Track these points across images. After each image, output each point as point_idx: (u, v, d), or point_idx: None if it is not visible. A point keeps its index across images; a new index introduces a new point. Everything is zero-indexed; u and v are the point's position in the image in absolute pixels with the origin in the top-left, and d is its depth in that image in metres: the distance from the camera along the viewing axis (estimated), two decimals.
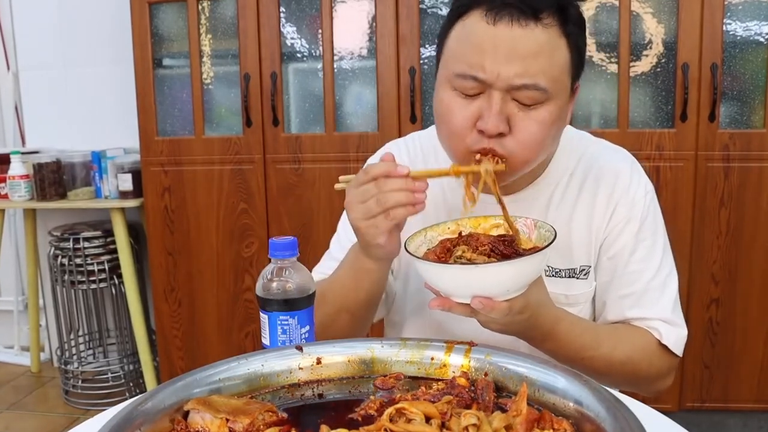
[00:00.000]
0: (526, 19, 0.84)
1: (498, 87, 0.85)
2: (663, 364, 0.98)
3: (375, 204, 0.83)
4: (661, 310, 0.98)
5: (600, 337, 0.94)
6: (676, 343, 0.97)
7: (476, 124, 0.88)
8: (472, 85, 0.87)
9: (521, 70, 0.84)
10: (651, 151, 2.07)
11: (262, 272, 0.82)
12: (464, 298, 0.78)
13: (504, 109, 0.86)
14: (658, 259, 0.99)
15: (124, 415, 0.61)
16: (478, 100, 0.88)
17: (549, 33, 0.85)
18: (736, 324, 2.15)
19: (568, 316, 0.91)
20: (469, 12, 0.88)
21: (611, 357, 0.93)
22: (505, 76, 0.85)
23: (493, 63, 0.85)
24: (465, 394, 0.69)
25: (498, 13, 0.84)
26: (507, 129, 0.87)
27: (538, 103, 0.87)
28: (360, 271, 0.94)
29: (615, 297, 1.00)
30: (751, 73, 2.06)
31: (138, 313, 2.64)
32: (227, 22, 2.33)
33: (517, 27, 0.84)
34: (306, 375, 0.75)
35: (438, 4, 2.19)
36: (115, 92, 2.84)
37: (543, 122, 0.87)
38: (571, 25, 0.87)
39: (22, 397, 2.77)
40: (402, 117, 2.21)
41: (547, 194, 1.01)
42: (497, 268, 0.75)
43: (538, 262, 0.77)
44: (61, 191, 2.67)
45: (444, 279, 0.78)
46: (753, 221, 2.09)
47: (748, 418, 2.22)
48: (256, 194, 2.35)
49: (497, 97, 0.86)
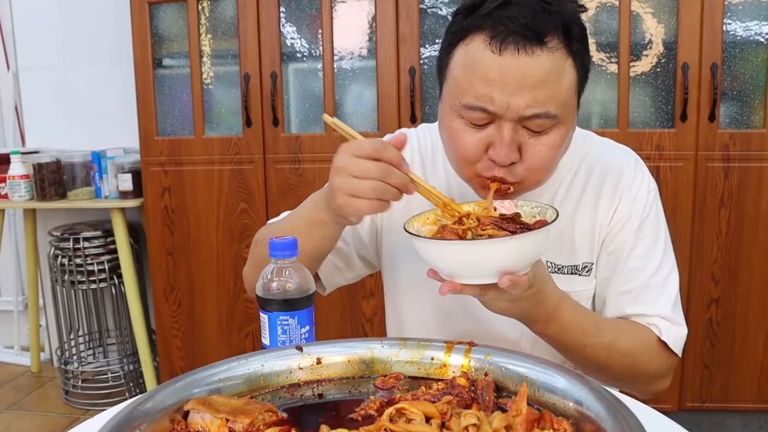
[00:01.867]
0: (531, 46, 0.82)
1: (508, 118, 0.85)
2: (662, 362, 0.97)
3: (369, 188, 0.81)
4: (661, 307, 0.97)
5: (601, 325, 0.94)
6: (675, 341, 0.96)
7: (487, 152, 0.87)
8: (481, 116, 0.86)
9: (531, 100, 0.83)
10: (651, 151, 2.07)
11: (262, 272, 0.82)
12: (482, 276, 0.76)
13: (515, 138, 0.85)
14: (658, 257, 0.99)
15: (124, 415, 0.61)
16: (487, 129, 0.87)
17: (555, 57, 0.84)
18: (736, 324, 2.15)
19: (569, 298, 0.91)
20: (471, 36, 0.86)
21: (612, 347, 0.93)
22: (515, 107, 0.83)
23: (502, 95, 0.83)
24: (465, 394, 0.69)
25: (503, 41, 0.82)
26: (518, 158, 0.86)
27: (548, 129, 0.86)
28: (314, 221, 0.92)
29: (614, 293, 1.00)
30: (751, 73, 2.06)
31: (138, 313, 2.64)
32: (227, 22, 2.33)
33: (523, 55, 0.82)
34: (306, 375, 0.75)
35: (438, 4, 2.19)
36: (115, 92, 2.84)
37: (554, 146, 0.87)
38: (575, 44, 0.86)
39: (22, 397, 2.77)
40: (402, 117, 2.21)
41: (551, 192, 1.01)
42: (521, 240, 0.73)
43: (547, 235, 0.77)
44: (61, 191, 2.67)
45: (467, 257, 0.74)
46: (753, 221, 2.09)
47: (748, 418, 2.22)
48: (256, 194, 2.35)
49: (508, 127, 0.85)
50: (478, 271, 0.75)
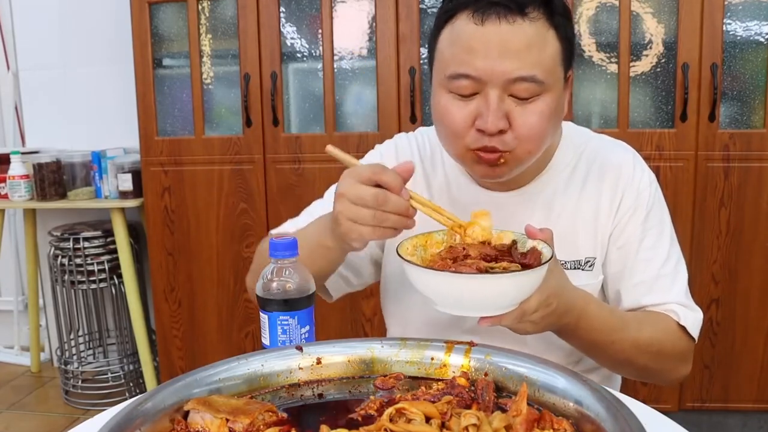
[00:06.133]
0: (512, 15, 0.85)
1: (494, 84, 0.86)
2: (684, 346, 0.98)
3: (370, 216, 0.81)
4: (675, 295, 0.99)
5: (625, 318, 0.96)
6: (693, 325, 0.98)
7: (475, 123, 0.88)
8: (466, 84, 0.87)
9: (516, 64, 0.85)
10: (651, 151, 2.07)
11: (262, 272, 0.82)
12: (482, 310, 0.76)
13: (501, 106, 0.87)
14: (666, 246, 1.01)
15: (124, 415, 0.61)
16: (474, 100, 0.88)
17: (536, 26, 0.86)
18: (736, 324, 2.15)
19: (593, 297, 0.92)
20: (456, 15, 0.89)
21: (638, 338, 0.94)
22: (499, 71, 0.85)
23: (485, 60, 0.86)
24: (465, 394, 0.69)
25: (484, 12, 0.85)
26: (506, 125, 0.87)
27: (535, 96, 0.87)
28: (319, 246, 0.92)
29: (628, 285, 1.00)
30: (751, 73, 2.06)
31: (138, 313, 2.64)
32: (227, 22, 2.33)
33: (504, 24, 0.85)
34: (306, 375, 0.75)
35: (438, 4, 2.18)
36: (115, 92, 2.83)
37: (542, 114, 0.88)
38: (557, 17, 0.88)
39: (22, 397, 2.77)
40: (402, 117, 2.21)
41: (550, 188, 1.02)
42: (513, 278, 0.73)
43: (540, 275, 0.76)
44: (61, 191, 2.67)
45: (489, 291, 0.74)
46: (753, 221, 2.09)
47: (748, 418, 2.22)
48: (256, 194, 2.35)
49: (494, 94, 0.86)
50: (499, 302, 0.76)
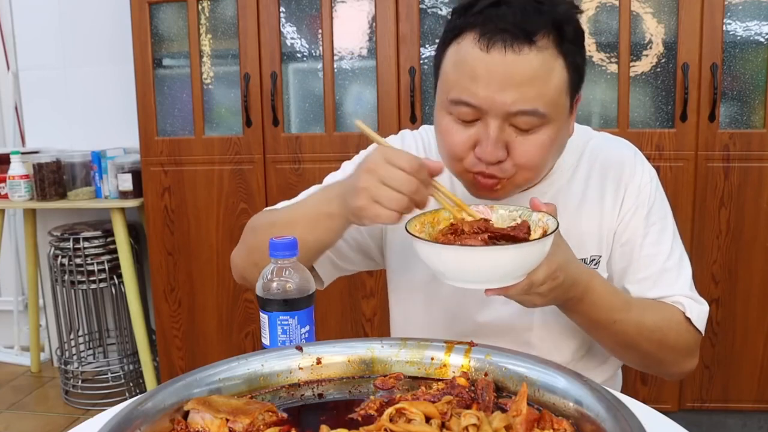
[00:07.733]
0: (519, 44, 0.82)
1: (494, 114, 0.85)
2: (690, 339, 0.98)
3: (395, 198, 0.80)
4: (680, 288, 0.99)
5: (630, 300, 0.96)
6: (699, 317, 0.98)
7: (474, 149, 0.88)
8: (467, 111, 0.86)
9: (517, 97, 0.83)
10: (651, 151, 2.07)
11: (262, 272, 0.82)
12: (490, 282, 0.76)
13: (501, 136, 0.86)
14: (669, 241, 1.01)
15: (124, 415, 0.61)
16: (475, 126, 0.87)
17: (544, 56, 0.83)
18: (736, 324, 2.15)
19: (597, 273, 0.92)
20: (463, 35, 0.87)
21: (641, 321, 0.94)
22: (500, 103, 0.84)
23: (487, 90, 0.84)
24: (465, 394, 0.69)
25: (491, 38, 0.83)
26: (505, 155, 0.86)
27: (536, 127, 0.86)
28: (323, 213, 0.91)
29: (633, 282, 1.01)
30: (751, 73, 2.06)
31: (138, 313, 2.64)
32: (227, 22, 2.33)
33: (510, 53, 0.82)
34: (306, 375, 0.75)
35: (438, 4, 2.19)
36: (115, 92, 2.84)
37: (542, 145, 0.87)
38: (567, 44, 0.86)
39: (22, 397, 2.77)
40: (402, 117, 2.21)
41: (553, 189, 1.02)
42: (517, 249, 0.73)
43: (544, 246, 0.76)
44: (61, 191, 2.67)
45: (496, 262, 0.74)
46: (753, 221, 2.09)
47: (748, 418, 2.22)
48: (256, 194, 2.35)
49: (494, 124, 0.85)
50: (510, 273, 0.76)
